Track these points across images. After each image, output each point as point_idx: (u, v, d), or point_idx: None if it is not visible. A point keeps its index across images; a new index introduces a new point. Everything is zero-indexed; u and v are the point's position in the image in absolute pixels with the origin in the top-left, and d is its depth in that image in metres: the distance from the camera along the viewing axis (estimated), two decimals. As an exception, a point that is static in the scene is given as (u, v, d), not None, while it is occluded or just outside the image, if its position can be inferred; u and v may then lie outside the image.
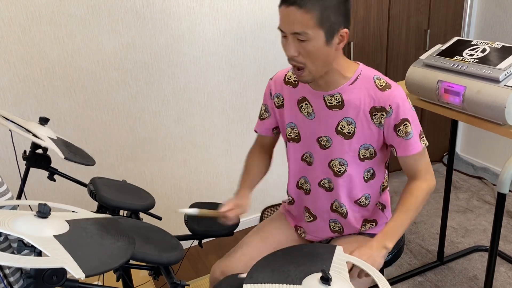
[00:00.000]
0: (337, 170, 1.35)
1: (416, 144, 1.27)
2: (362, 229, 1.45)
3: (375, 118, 1.26)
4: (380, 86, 1.25)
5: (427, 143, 1.31)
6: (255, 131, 1.54)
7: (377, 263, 1.17)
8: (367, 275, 1.13)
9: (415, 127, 1.27)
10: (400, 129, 1.25)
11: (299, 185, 1.48)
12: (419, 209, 1.28)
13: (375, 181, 1.39)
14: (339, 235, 1.48)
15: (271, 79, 1.46)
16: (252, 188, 1.46)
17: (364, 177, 1.37)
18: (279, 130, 1.51)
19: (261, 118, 1.51)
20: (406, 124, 1.25)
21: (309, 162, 1.41)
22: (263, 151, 1.56)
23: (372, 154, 1.32)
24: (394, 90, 1.25)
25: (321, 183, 1.40)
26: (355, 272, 1.15)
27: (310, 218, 1.49)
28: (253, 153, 1.54)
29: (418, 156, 1.29)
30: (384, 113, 1.25)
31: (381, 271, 1.60)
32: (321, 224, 1.48)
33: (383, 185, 1.44)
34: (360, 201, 1.40)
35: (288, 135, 1.42)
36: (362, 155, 1.32)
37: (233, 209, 1.32)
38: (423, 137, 1.30)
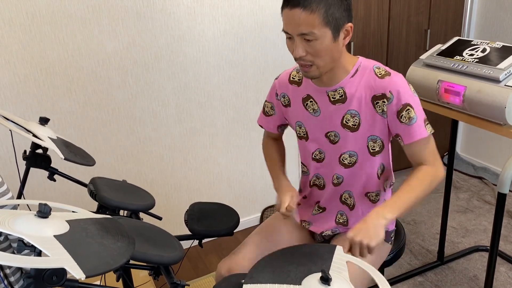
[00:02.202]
0: (348, 162, 1.36)
1: (420, 129, 1.24)
2: None
3: (377, 107, 1.26)
4: (380, 74, 1.26)
5: (433, 130, 1.28)
6: (260, 126, 1.57)
7: (375, 236, 1.13)
8: (369, 251, 1.12)
9: (418, 112, 1.25)
10: (402, 114, 1.24)
11: (312, 183, 1.49)
12: (423, 193, 1.23)
13: (383, 176, 1.41)
14: (342, 227, 1.49)
15: (276, 78, 1.47)
16: (285, 173, 1.51)
17: (378, 173, 1.37)
18: (284, 128, 1.55)
19: (266, 114, 1.53)
20: (408, 109, 1.23)
21: (320, 159, 1.42)
22: (274, 140, 1.61)
23: (381, 147, 1.32)
24: (394, 76, 1.24)
25: (332, 179, 1.42)
26: (355, 251, 1.13)
27: (319, 210, 1.50)
28: (267, 144, 1.60)
29: (423, 142, 1.26)
30: (385, 100, 1.24)
31: (381, 271, 1.60)
32: (327, 215, 1.48)
33: (392, 183, 1.45)
34: (370, 195, 1.41)
35: (298, 133, 1.44)
36: (372, 149, 1.32)
37: (293, 200, 1.35)
38: (428, 123, 1.27)
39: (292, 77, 1.41)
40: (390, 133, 1.32)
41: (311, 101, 1.36)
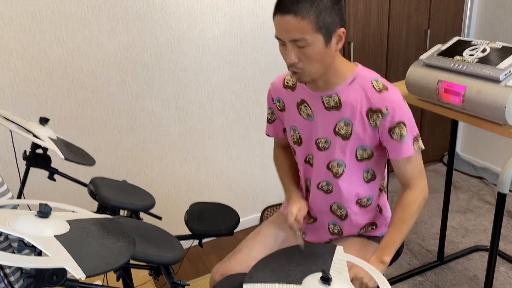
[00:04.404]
0: (335, 172, 1.35)
1: (408, 147, 1.26)
2: (362, 231, 1.45)
3: (371, 120, 1.26)
4: (377, 88, 1.25)
5: (423, 147, 1.30)
6: (267, 135, 1.57)
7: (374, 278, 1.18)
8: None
9: (410, 130, 1.26)
10: (395, 131, 1.25)
11: (306, 186, 1.48)
12: (413, 219, 1.29)
13: (376, 182, 1.39)
14: (338, 237, 1.48)
15: (271, 83, 1.47)
16: (297, 183, 1.49)
17: (364, 178, 1.36)
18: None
19: (269, 121, 1.54)
20: (401, 126, 1.24)
21: (311, 164, 1.41)
22: (284, 149, 1.59)
23: (370, 155, 1.32)
24: (391, 92, 1.24)
25: (319, 186, 1.40)
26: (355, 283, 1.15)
27: (310, 220, 1.49)
28: (278, 153, 1.59)
29: (409, 160, 1.28)
30: (380, 115, 1.24)
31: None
32: (320, 226, 1.48)
33: (382, 187, 1.44)
34: (362, 202, 1.40)
35: (292, 138, 1.43)
36: (360, 156, 1.32)
37: (300, 213, 1.37)
38: (417, 141, 1.28)
39: (286, 82, 1.41)
40: (381, 144, 1.32)
41: (305, 106, 1.35)
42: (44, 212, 0.89)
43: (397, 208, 1.31)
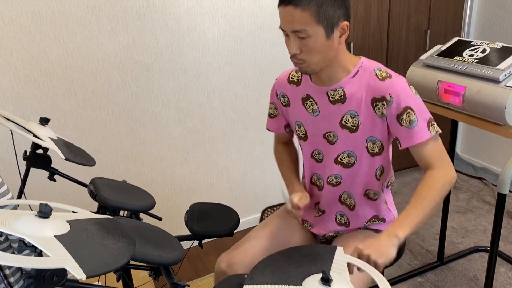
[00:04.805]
0: (346, 162, 1.35)
1: (422, 132, 1.21)
2: (368, 223, 1.46)
3: (377, 109, 1.26)
4: (380, 76, 1.25)
5: (439, 131, 1.24)
6: (268, 129, 1.57)
7: (385, 254, 1.10)
8: (376, 268, 1.10)
9: (420, 114, 1.22)
10: (403, 118, 1.22)
11: (313, 181, 1.49)
12: (435, 200, 1.17)
13: (385, 180, 1.41)
14: (344, 229, 1.49)
15: (276, 79, 1.48)
16: (299, 178, 1.49)
17: (376, 174, 1.37)
18: (291, 127, 1.55)
19: (270, 116, 1.54)
20: (409, 112, 1.22)
21: (318, 159, 1.42)
22: (285, 144, 1.60)
23: (380, 148, 1.32)
24: (394, 79, 1.23)
25: (329, 180, 1.41)
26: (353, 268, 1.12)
27: (318, 213, 1.50)
28: (279, 149, 1.59)
29: (426, 144, 1.22)
30: (384, 103, 1.23)
31: (381, 271, 1.60)
32: (327, 217, 1.49)
33: (390, 182, 1.45)
34: (369, 193, 1.41)
35: (297, 133, 1.44)
36: (371, 150, 1.32)
37: (302, 200, 1.35)
38: (432, 124, 1.23)
39: (291, 77, 1.42)
40: (390, 136, 1.31)
41: (310, 101, 1.36)
42: (44, 212, 0.89)
43: (418, 186, 1.21)
